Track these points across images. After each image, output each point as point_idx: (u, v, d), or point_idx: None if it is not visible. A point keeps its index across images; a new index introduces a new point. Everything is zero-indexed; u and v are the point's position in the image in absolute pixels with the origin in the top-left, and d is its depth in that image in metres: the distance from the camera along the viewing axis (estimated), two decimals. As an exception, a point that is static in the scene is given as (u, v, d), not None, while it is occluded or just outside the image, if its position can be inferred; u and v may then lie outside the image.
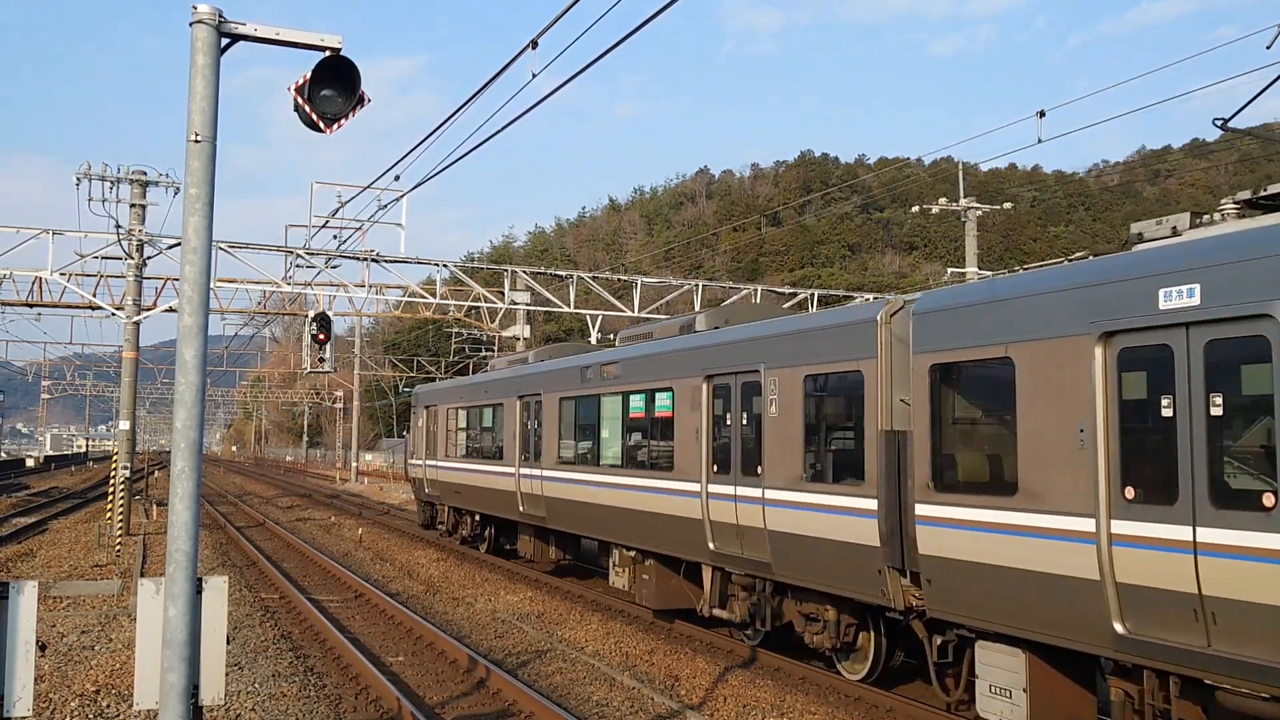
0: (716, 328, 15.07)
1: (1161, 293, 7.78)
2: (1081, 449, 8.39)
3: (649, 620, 16.82)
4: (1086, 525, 8.28)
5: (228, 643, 6.35)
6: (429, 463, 27.19)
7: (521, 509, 20.53)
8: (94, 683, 12.10)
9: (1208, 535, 7.33)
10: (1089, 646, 8.42)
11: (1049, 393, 8.76)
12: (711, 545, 13.76)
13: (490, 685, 12.26)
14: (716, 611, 14.29)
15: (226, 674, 6.28)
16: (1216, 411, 7.42)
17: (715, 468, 13.70)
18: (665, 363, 15.28)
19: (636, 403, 16.11)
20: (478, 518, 24.90)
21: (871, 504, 10.78)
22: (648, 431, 15.76)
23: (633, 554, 16.46)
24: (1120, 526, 7.99)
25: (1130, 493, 8.01)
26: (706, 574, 14.47)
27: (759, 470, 12.64)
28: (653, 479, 15.27)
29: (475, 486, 23.50)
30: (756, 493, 12.66)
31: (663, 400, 15.22)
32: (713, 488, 13.71)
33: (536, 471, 19.73)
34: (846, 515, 11.11)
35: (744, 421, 13.20)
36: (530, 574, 21.68)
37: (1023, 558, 8.93)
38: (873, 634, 12.01)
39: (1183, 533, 7.51)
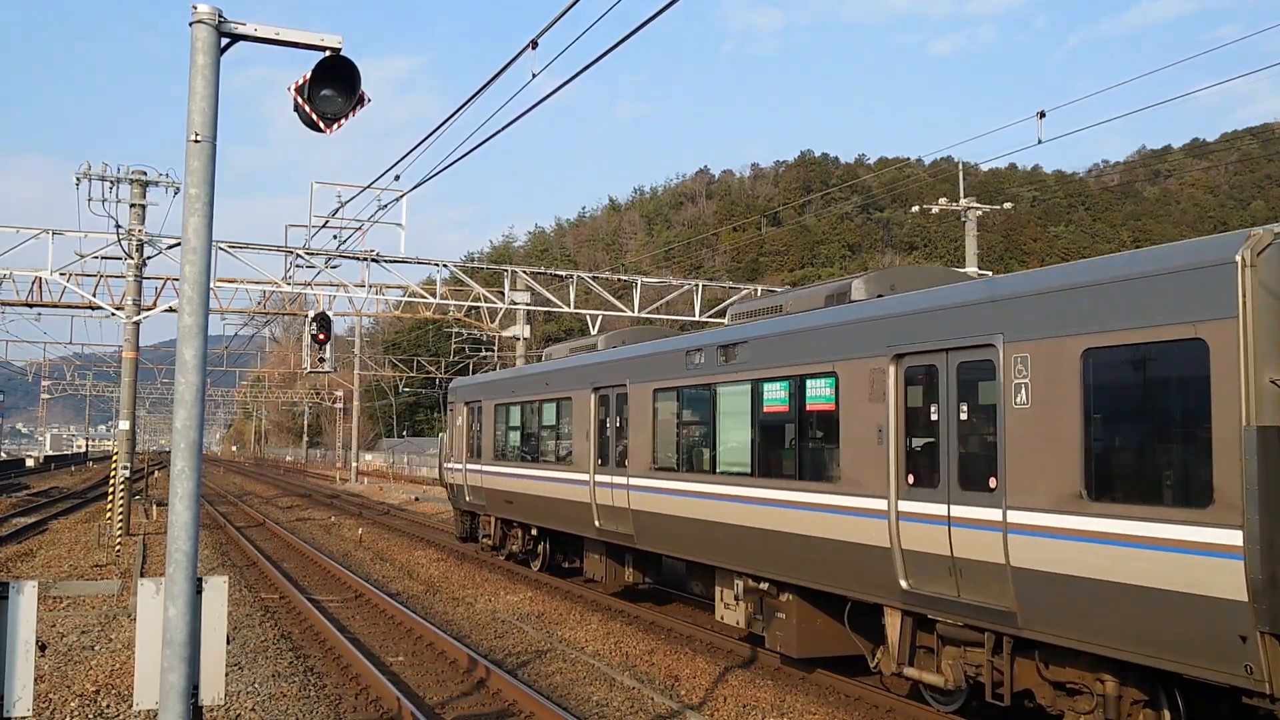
0: (881, 295, 11.85)
1: None
2: None
3: (649, 620, 16.82)
4: None
5: (228, 643, 6.35)
6: (471, 467, 23.59)
7: (598, 524, 17.10)
8: (94, 683, 12.11)
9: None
10: None
11: None
12: (904, 583, 10.37)
13: (490, 685, 12.26)
14: (908, 671, 10.81)
15: (226, 674, 6.28)
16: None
17: (912, 479, 10.40)
18: (823, 340, 11.79)
19: (775, 393, 12.67)
20: (534, 531, 21.26)
21: (1229, 536, 7.50)
22: (793, 430, 12.42)
23: (763, 585, 12.95)
24: None
25: None
26: (892, 620, 10.94)
27: (992, 484, 9.42)
28: (803, 492, 11.87)
29: (532, 495, 20.03)
30: (989, 515, 9.37)
31: (819, 389, 11.84)
32: (908, 505, 10.34)
33: (619, 479, 16.29)
34: (1176, 553, 7.87)
35: (963, 415, 9.92)
36: (530, 574, 21.67)
37: None
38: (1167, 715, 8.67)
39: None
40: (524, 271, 31.43)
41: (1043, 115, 21.21)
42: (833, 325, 11.79)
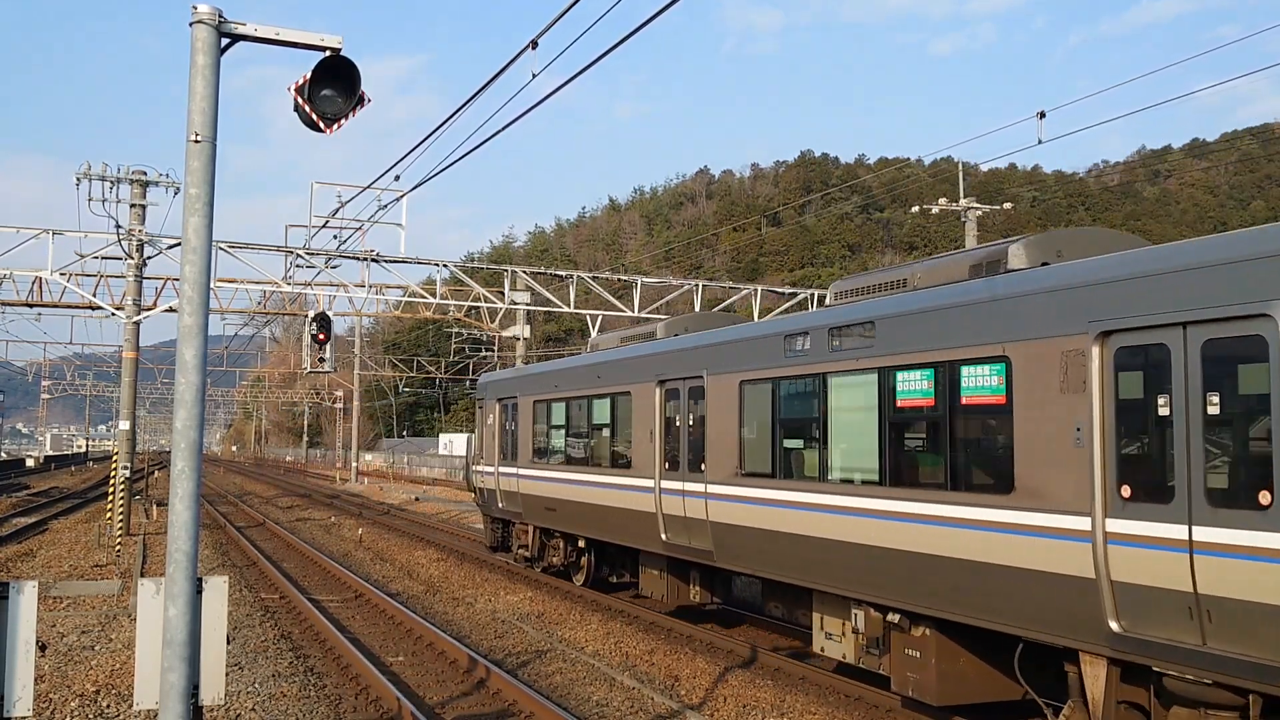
0: (1046, 262, 9.79)
1: None
2: None
3: (649, 620, 16.82)
4: None
5: (228, 643, 6.35)
6: (504, 470, 21.13)
7: (664, 536, 14.80)
8: (94, 683, 12.11)
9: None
10: None
11: None
12: (1113, 624, 8.06)
13: (490, 685, 12.26)
14: None
15: (226, 674, 6.28)
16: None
17: (1128, 491, 8.02)
18: (989, 317, 9.47)
19: (914, 384, 10.38)
20: (581, 543, 19.15)
21: None
22: (940, 429, 9.99)
23: (892, 617, 10.71)
24: None
25: None
26: (1093, 670, 8.53)
27: (1264, 499, 7.10)
28: (957, 506, 9.57)
29: (579, 503, 17.64)
30: (1263, 540, 7.04)
31: (981, 378, 9.52)
32: (1122, 526, 8.00)
33: (693, 487, 13.96)
34: None
35: (1213, 409, 7.56)
36: (530, 574, 21.67)
37: None
38: None
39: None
40: (524, 271, 31.44)
41: (1043, 115, 21.24)
42: (1005, 297, 9.36)
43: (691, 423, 14.23)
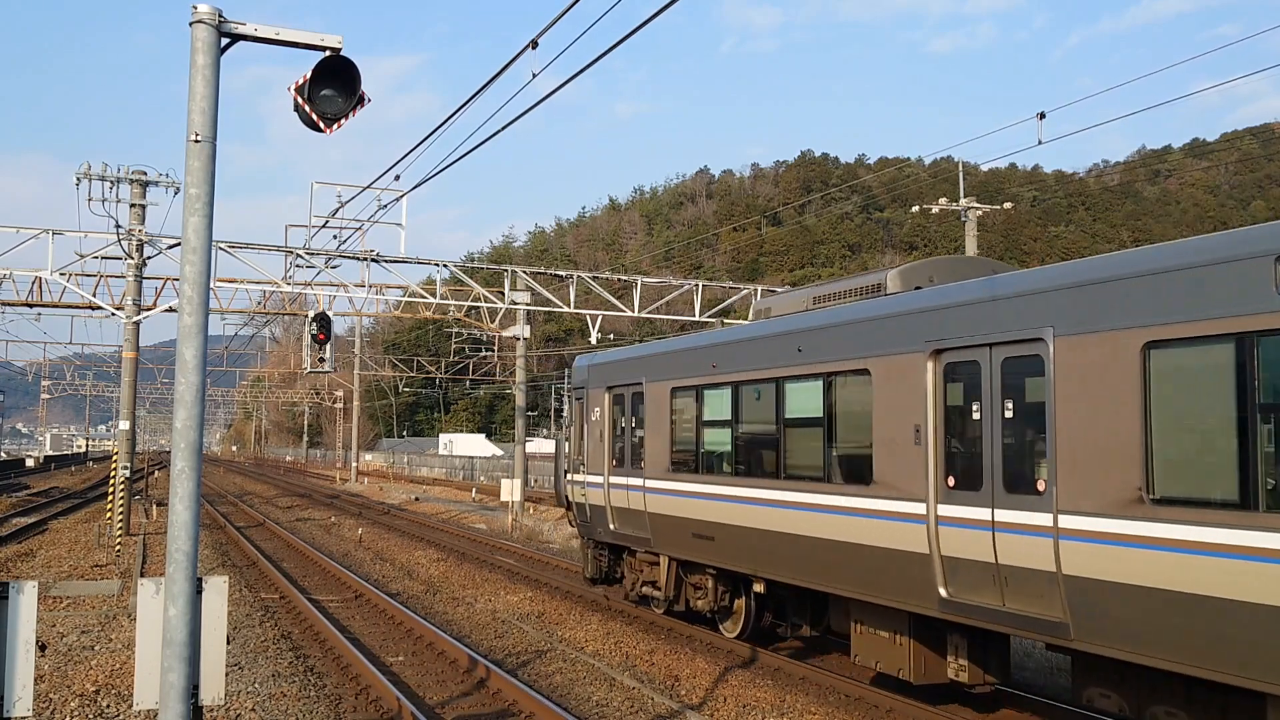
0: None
1: None
2: None
3: (649, 620, 16.82)
4: None
5: (228, 643, 6.35)
6: (620, 482, 16.64)
7: (945, 591, 9.94)
8: (94, 683, 12.10)
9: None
10: None
11: None
12: None
13: (490, 685, 12.26)
14: None
15: (226, 674, 6.28)
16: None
17: None
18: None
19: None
20: (760, 587, 13.84)
21: None
22: None
23: None
24: None
25: None
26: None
27: None
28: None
29: (762, 531, 12.82)
30: None
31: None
32: None
33: (1024, 518, 9.13)
34: None
35: None
36: (530, 573, 21.67)
37: None
38: None
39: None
40: (524, 271, 31.43)
41: (1043, 116, 21.24)
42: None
43: (1011, 415, 9.49)
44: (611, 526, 16.83)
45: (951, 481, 9.96)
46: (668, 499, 15.14)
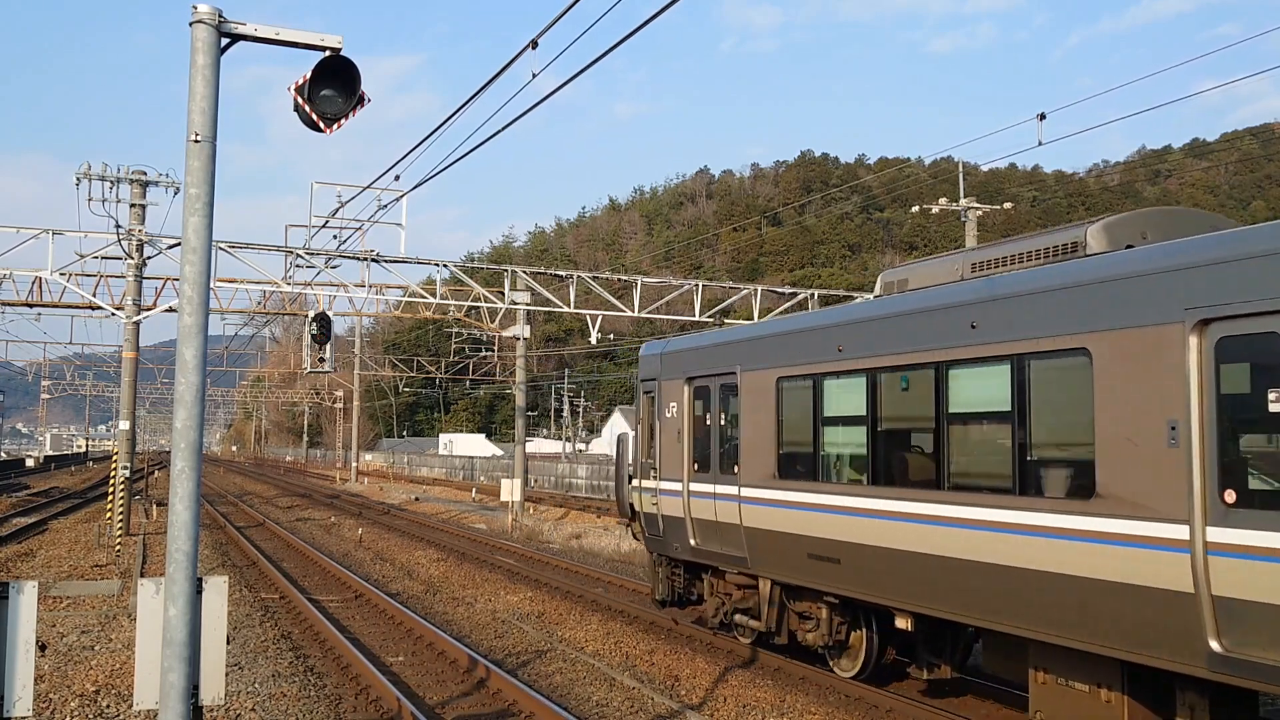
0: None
1: None
2: None
3: (649, 620, 16.82)
4: None
5: (228, 643, 6.35)
6: (705, 489, 14.05)
7: (1218, 644, 7.65)
8: (94, 683, 12.10)
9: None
10: None
11: None
12: None
13: (490, 685, 12.26)
14: None
15: (226, 674, 6.28)
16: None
17: None
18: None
19: None
20: (908, 622, 11.10)
21: None
22: None
23: None
24: None
25: None
26: None
27: None
28: None
29: (915, 555, 10.30)
30: None
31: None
32: None
33: None
34: None
35: None
36: (530, 573, 21.68)
37: None
38: None
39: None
40: (524, 271, 31.42)
41: (1043, 117, 21.23)
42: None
43: None
44: (691, 542, 14.09)
45: (1231, 497, 7.46)
46: (772, 511, 12.52)
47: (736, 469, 13.25)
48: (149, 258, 29.12)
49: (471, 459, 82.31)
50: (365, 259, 26.97)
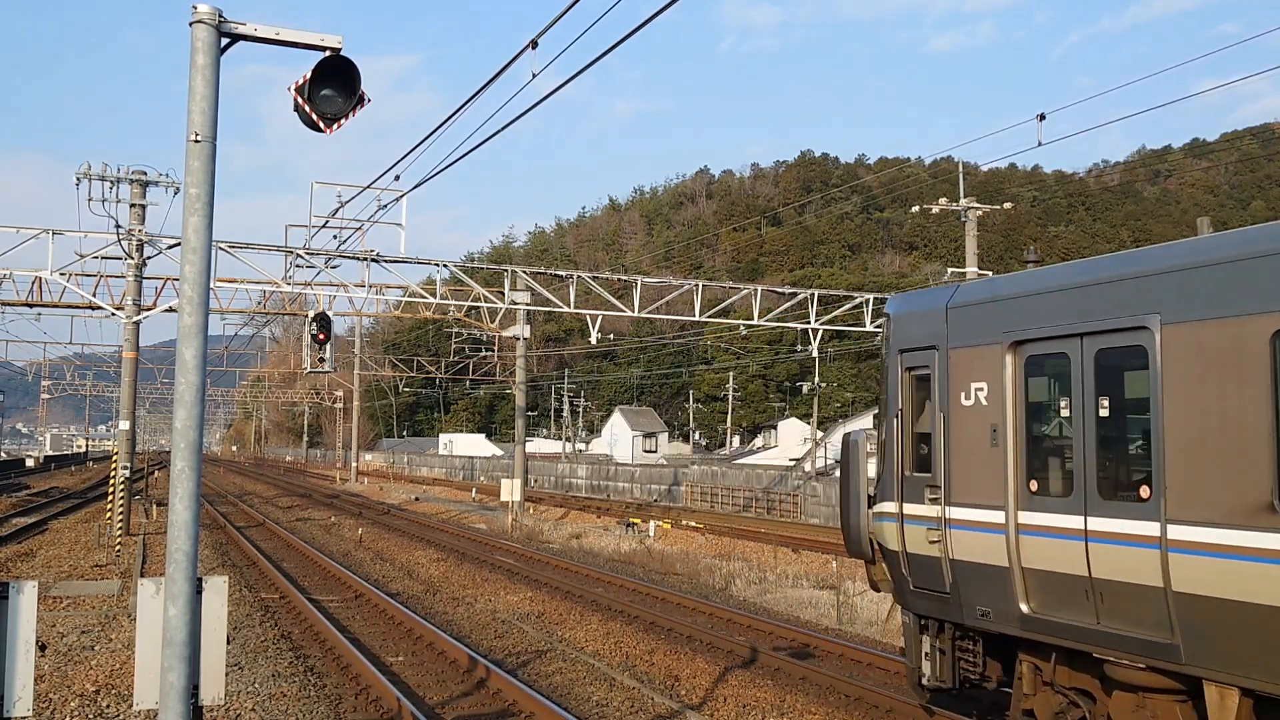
0: None
1: None
2: None
3: (649, 620, 16.81)
4: None
5: (228, 643, 6.35)
6: (1044, 520, 8.57)
7: None
8: (94, 683, 12.10)
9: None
10: None
11: None
12: None
13: (490, 685, 12.26)
14: None
15: (226, 674, 6.28)
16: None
17: None
18: None
19: None
20: None
21: None
22: None
23: None
24: None
25: None
26: None
27: None
28: None
29: None
30: None
31: None
32: None
33: None
34: None
35: None
36: (530, 573, 21.68)
37: None
38: None
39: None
40: (524, 271, 31.42)
41: (1042, 118, 21.21)
42: None
43: None
44: (1022, 606, 8.68)
45: None
46: (1264, 571, 6.97)
47: (1148, 491, 7.81)
48: (149, 258, 29.13)
49: (471, 459, 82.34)
50: (365, 259, 26.97)
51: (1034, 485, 8.75)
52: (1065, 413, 8.67)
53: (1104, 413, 8.32)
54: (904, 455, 10.09)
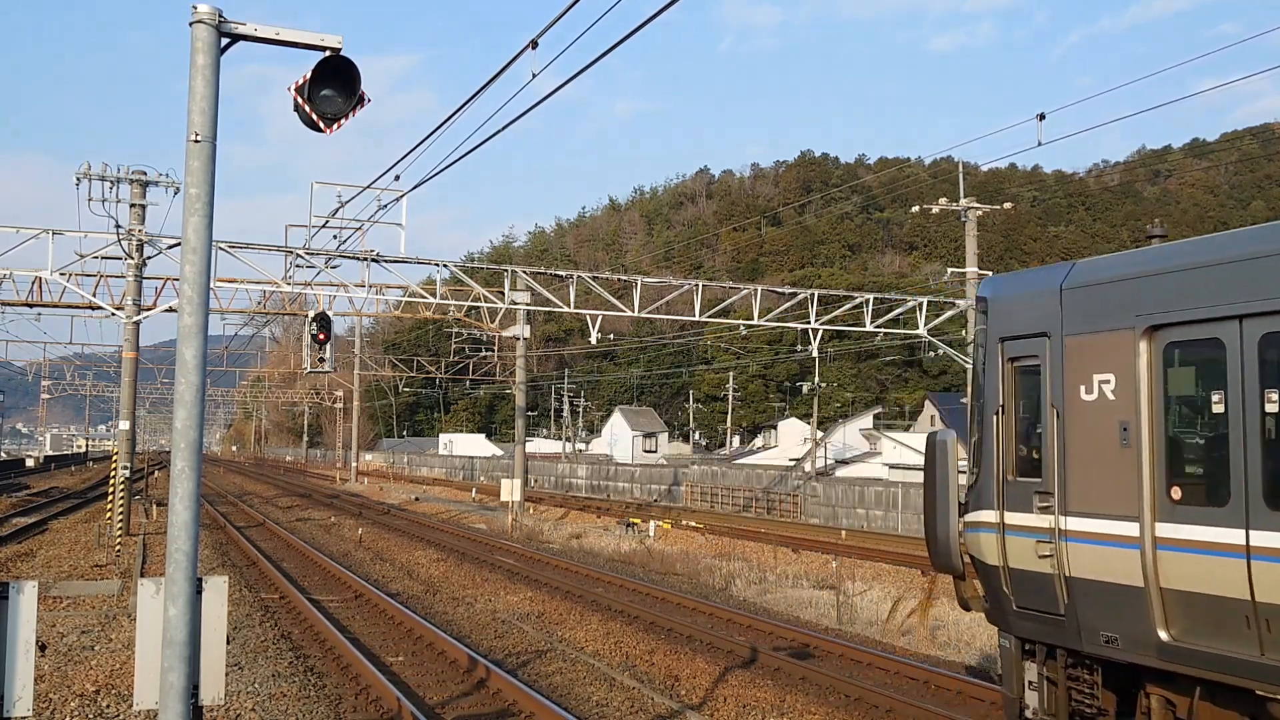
0: None
1: None
2: None
3: (649, 620, 16.82)
4: None
5: (228, 643, 6.35)
6: (1190, 535, 7.23)
7: None
8: (94, 683, 12.10)
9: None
10: None
11: None
12: None
13: (490, 685, 12.26)
14: None
15: (226, 674, 6.28)
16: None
17: None
18: None
19: None
20: None
21: None
22: None
23: None
24: None
25: None
26: None
27: None
28: None
29: None
30: None
31: None
32: None
33: None
34: None
35: None
36: (530, 573, 21.68)
37: None
38: None
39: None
40: (524, 271, 31.42)
41: (1042, 118, 21.22)
42: None
43: None
44: (1162, 633, 7.44)
45: None
46: None
47: None
48: (149, 258, 29.12)
49: (471, 459, 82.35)
50: (365, 259, 26.97)
51: (1176, 493, 7.45)
52: (1218, 408, 7.34)
53: (1271, 408, 6.96)
54: (1005, 458, 8.75)
